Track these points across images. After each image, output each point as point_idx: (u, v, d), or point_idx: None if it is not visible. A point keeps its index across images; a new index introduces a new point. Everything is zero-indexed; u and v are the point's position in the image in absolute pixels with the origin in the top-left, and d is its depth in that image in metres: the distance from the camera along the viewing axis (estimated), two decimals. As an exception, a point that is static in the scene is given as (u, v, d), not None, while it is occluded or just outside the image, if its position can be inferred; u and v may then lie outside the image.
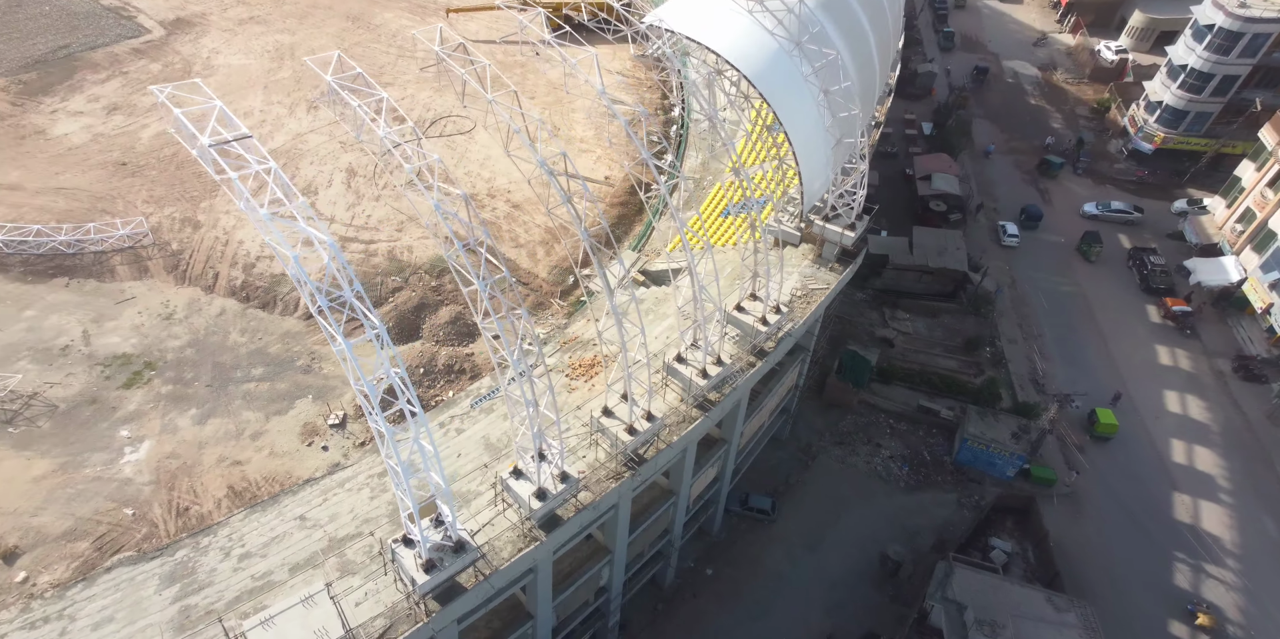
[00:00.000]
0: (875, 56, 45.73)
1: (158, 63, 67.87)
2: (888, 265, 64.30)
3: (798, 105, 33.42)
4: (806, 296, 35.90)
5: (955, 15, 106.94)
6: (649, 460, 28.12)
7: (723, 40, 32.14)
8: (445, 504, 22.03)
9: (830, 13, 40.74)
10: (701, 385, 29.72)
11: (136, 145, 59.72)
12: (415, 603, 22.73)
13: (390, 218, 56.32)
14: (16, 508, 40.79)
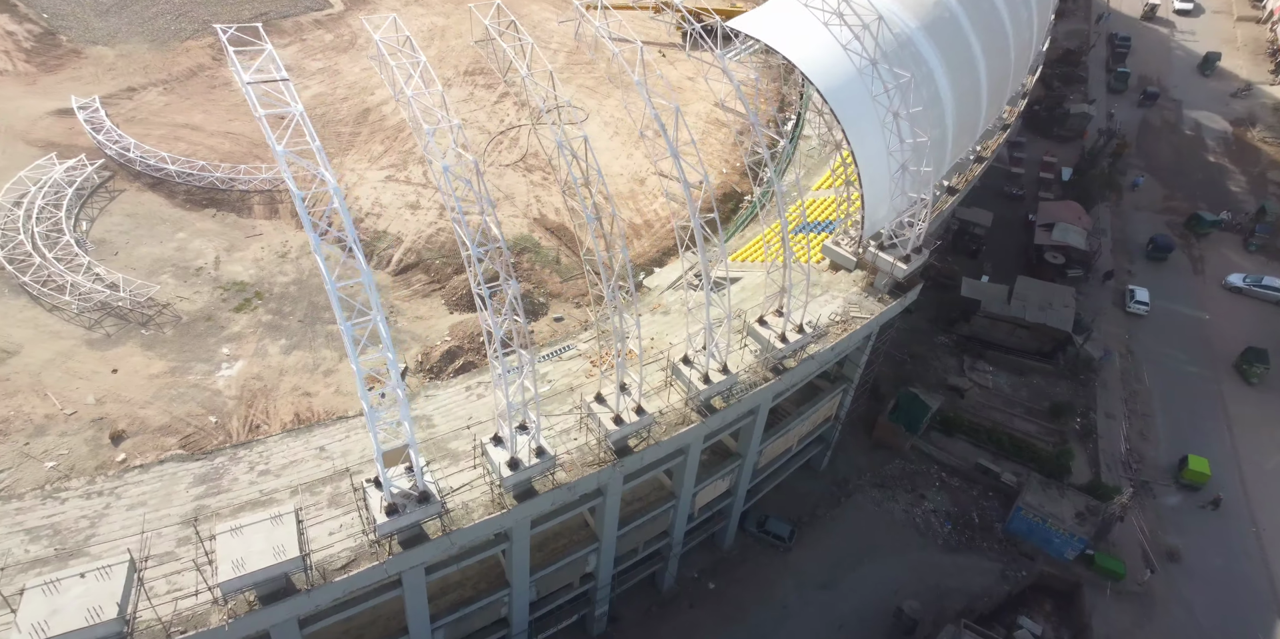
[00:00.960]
0: (984, 88, 43.26)
1: (331, 34, 74.31)
2: (979, 311, 59.84)
3: (868, 126, 32.19)
4: (845, 323, 34.46)
5: (1140, 54, 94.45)
6: (635, 453, 28.05)
7: (801, 50, 31.47)
8: (414, 453, 23.05)
9: (934, 36, 38.91)
10: (702, 390, 29.23)
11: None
12: (376, 542, 23.87)
13: (489, 193, 59.27)
14: (132, 398, 46.17)
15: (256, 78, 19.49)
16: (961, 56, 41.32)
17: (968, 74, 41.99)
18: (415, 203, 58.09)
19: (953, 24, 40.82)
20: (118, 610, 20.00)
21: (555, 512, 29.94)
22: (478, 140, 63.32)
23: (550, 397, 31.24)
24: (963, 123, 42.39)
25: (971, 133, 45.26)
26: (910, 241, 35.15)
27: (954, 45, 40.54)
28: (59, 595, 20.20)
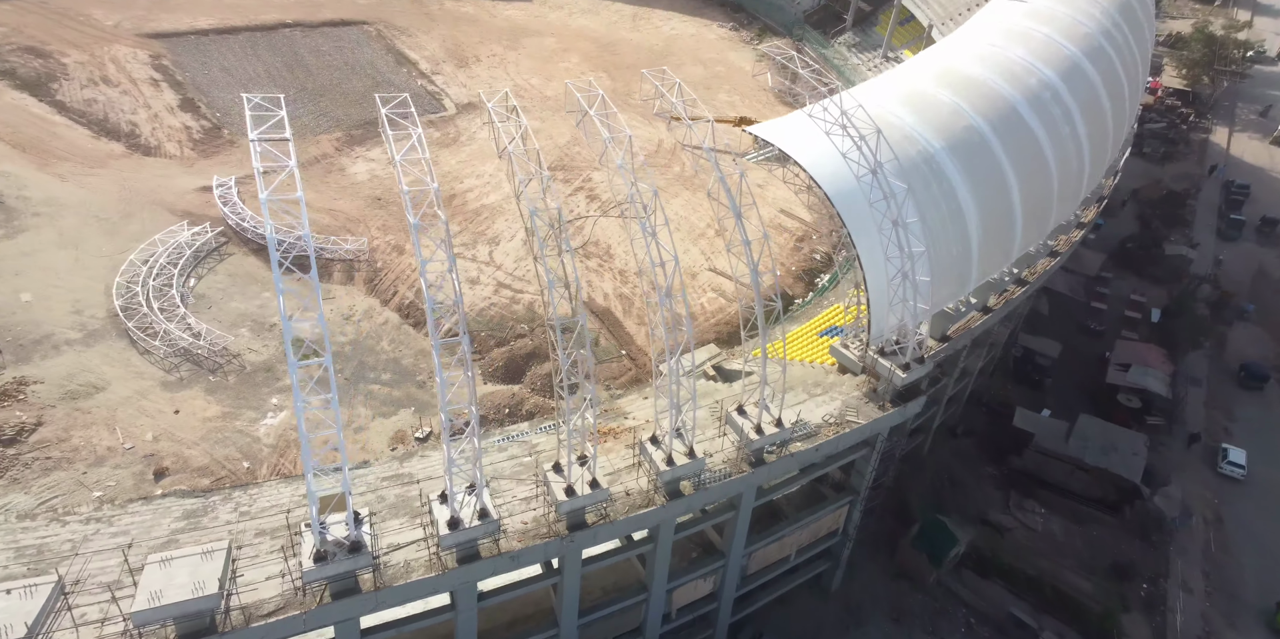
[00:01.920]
0: (1019, 212, 41.95)
1: (439, 132, 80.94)
2: (1031, 445, 54.55)
3: (872, 231, 31.48)
4: (838, 426, 32.37)
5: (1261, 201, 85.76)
6: (589, 529, 26.44)
7: (809, 155, 31.56)
8: (349, 501, 22.52)
9: (959, 156, 38.45)
10: (664, 470, 27.69)
11: (393, 188, 71.12)
12: (300, 590, 23.03)
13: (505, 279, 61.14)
14: (183, 438, 48.05)
15: (259, 134, 21.02)
16: (991, 178, 40.58)
17: (998, 196, 41.01)
18: (475, 278, 60.45)
19: (982, 147, 40.40)
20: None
21: (510, 587, 28.31)
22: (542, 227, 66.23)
23: (527, 468, 30.36)
24: (992, 242, 41.01)
25: (1004, 253, 43.64)
26: (910, 350, 33.31)
27: (982, 166, 39.96)
28: None
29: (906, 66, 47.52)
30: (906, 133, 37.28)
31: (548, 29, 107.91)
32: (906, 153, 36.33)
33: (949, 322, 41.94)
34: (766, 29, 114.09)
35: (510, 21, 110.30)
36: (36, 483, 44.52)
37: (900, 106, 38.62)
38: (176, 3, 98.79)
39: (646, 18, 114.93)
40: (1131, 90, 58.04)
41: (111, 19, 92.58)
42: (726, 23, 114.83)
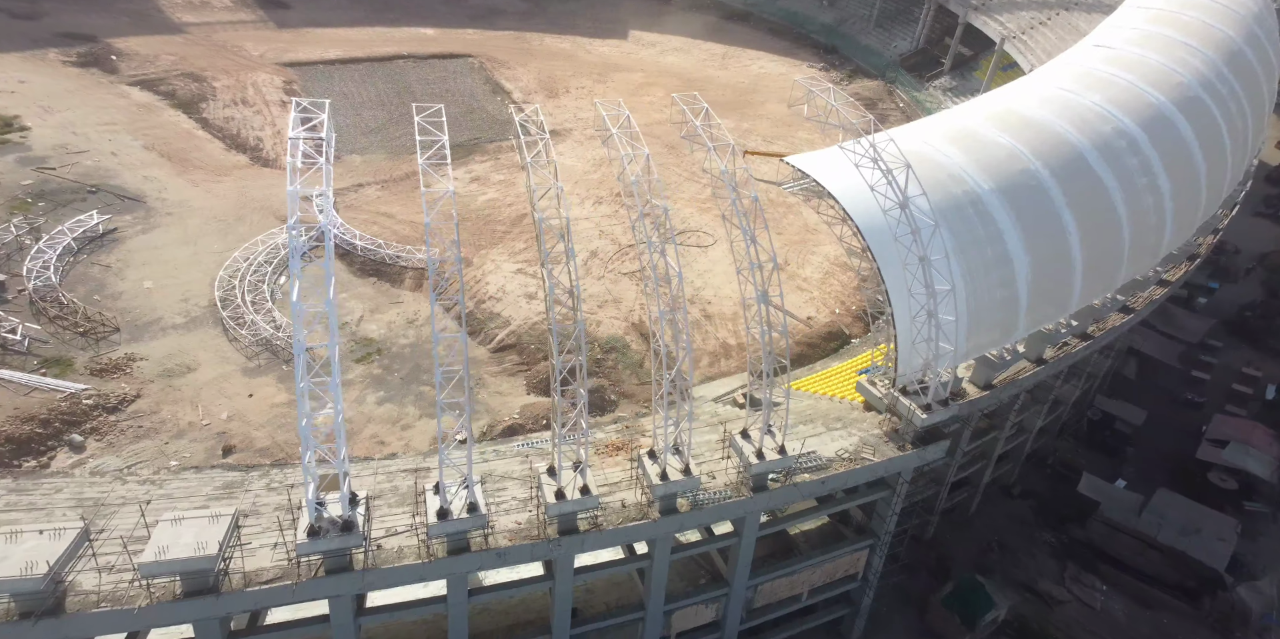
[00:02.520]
0: (1078, 262, 39.95)
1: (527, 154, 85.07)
2: (1096, 515, 50.57)
3: (901, 269, 30.80)
4: (851, 461, 31.36)
5: None
6: (578, 535, 26.60)
7: (841, 184, 31.30)
8: (343, 482, 23.69)
9: (1010, 199, 37.10)
10: (657, 484, 27.55)
11: (472, 204, 74.80)
12: (294, 561, 24.23)
13: (600, 295, 62.70)
14: (252, 420, 51.41)
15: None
16: (1046, 225, 38.90)
17: (1052, 244, 39.23)
18: (534, 294, 62.35)
19: (1038, 193, 38.88)
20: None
21: (503, 586, 28.73)
22: (607, 249, 67.74)
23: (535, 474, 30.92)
24: (1044, 291, 39.14)
25: (1059, 304, 41.50)
26: (933, 391, 32.08)
27: (1036, 212, 38.40)
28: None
29: (963, 107, 46.47)
30: (952, 172, 36.42)
31: (637, 65, 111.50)
32: (950, 192, 35.44)
33: (994, 370, 40.10)
34: (858, 71, 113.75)
35: (602, 58, 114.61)
36: (127, 448, 48.47)
37: (948, 145, 37.82)
38: (313, 37, 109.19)
39: (736, 57, 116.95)
40: (1238, 145, 54.44)
41: (258, 50, 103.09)
42: (817, 63, 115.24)
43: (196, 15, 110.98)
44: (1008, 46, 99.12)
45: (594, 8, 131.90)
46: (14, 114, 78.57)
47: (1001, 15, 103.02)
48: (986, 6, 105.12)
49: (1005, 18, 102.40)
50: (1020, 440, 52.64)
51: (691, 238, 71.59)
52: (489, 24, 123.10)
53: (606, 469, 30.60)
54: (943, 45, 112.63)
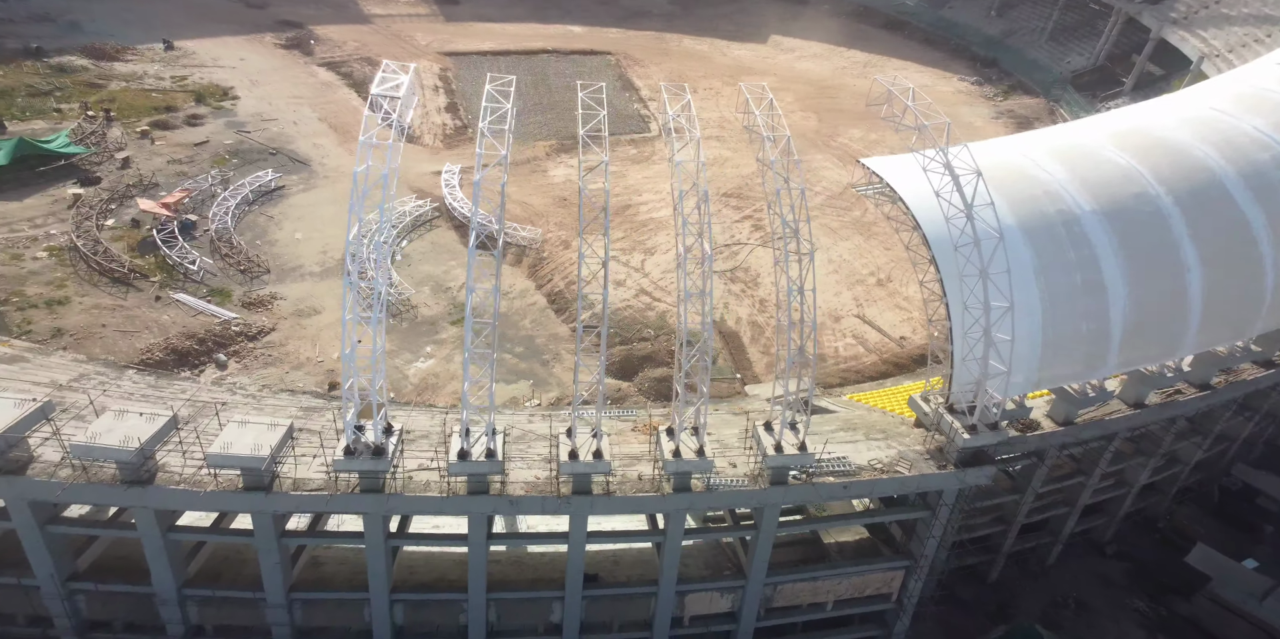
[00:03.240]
0: (1195, 300, 36.76)
1: (636, 150, 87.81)
2: (1204, 591, 45.77)
3: (959, 281, 29.95)
4: (882, 470, 30.85)
5: None
6: (589, 496, 28.23)
7: (912, 189, 30.74)
8: (375, 411, 26.65)
9: (1116, 224, 34.71)
10: (669, 461, 28.52)
11: (573, 192, 78.29)
12: (333, 476, 27.50)
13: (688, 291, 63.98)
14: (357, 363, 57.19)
15: (380, 90, 25.94)
16: (1158, 257, 36.05)
17: (1164, 278, 36.30)
18: (621, 281, 64.54)
19: (1154, 220, 36.03)
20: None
21: (521, 536, 30.92)
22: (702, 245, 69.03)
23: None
24: (1146, 329, 36.34)
25: (1165, 346, 38.26)
26: (980, 412, 30.90)
27: (1148, 241, 35.65)
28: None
29: (1083, 121, 43.51)
30: (1049, 188, 34.59)
31: (771, 70, 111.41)
32: (1041, 208, 33.74)
33: (1075, 406, 37.75)
34: (1018, 87, 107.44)
35: (737, 61, 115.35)
36: (257, 372, 55.38)
37: (1051, 160, 35.84)
38: (474, 30, 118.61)
39: (879, 66, 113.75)
40: None
41: (425, 40, 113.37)
42: (970, 76, 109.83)
43: (383, 8, 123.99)
44: (1207, 66, 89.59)
45: (739, 12, 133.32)
46: (230, 86, 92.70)
47: (1205, 31, 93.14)
48: (1189, 21, 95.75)
49: (1210, 34, 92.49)
50: (1118, 494, 48.81)
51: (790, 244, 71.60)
52: (634, 24, 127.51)
53: (636, 444, 32.04)
54: (1127, 63, 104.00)
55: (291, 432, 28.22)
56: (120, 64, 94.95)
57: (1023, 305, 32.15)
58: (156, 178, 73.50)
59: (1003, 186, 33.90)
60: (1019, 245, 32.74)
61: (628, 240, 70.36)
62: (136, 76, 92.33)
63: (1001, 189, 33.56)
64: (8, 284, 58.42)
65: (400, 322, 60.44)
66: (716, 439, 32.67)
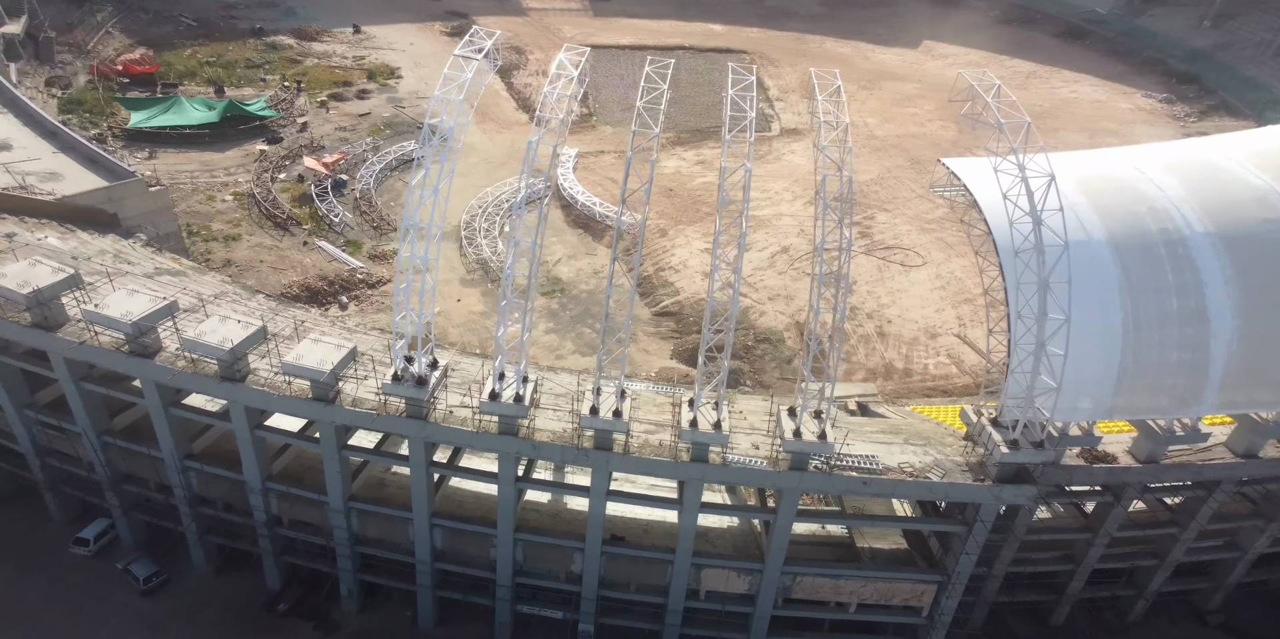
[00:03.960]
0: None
1: (759, 147, 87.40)
2: None
3: (1018, 289, 28.54)
4: (913, 475, 30.01)
5: None
6: (605, 452, 29.84)
7: (988, 190, 29.47)
8: (419, 345, 29.51)
9: (1233, 252, 31.52)
10: (685, 430, 29.39)
11: (689, 183, 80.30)
12: (383, 398, 30.86)
13: (774, 288, 63.77)
14: (452, 319, 62.20)
15: (463, 50, 28.44)
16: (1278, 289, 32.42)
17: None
18: (707, 272, 65.34)
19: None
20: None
21: (546, 483, 33.20)
22: (799, 248, 68.40)
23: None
24: (1256, 367, 32.77)
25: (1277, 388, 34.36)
26: (1021, 426, 29.30)
27: (1272, 273, 32.09)
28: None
29: (1219, 137, 39.08)
30: (1156, 205, 31.83)
31: (915, 76, 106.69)
32: (1142, 226, 31.17)
33: (1159, 444, 34.69)
34: (1219, 107, 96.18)
35: (879, 65, 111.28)
36: (370, 315, 61.62)
37: (1168, 174, 32.88)
38: (618, 25, 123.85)
39: (1045, 78, 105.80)
40: None
41: (571, 33, 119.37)
42: (1158, 93, 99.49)
43: (539, 3, 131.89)
44: None
45: (892, 15, 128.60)
46: (397, 66, 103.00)
47: None
48: None
49: None
50: (1227, 558, 44.16)
51: (897, 255, 69.09)
52: (776, 25, 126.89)
53: (666, 416, 33.25)
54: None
55: (355, 354, 31.87)
56: (317, 44, 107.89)
57: (1100, 325, 30.23)
58: (324, 141, 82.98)
59: (1099, 197, 31.84)
60: (1106, 261, 30.68)
61: (726, 234, 71.07)
62: (326, 55, 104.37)
63: (1097, 200, 31.58)
64: (201, 219, 69.03)
65: (496, 287, 64.74)
66: (750, 424, 33.22)
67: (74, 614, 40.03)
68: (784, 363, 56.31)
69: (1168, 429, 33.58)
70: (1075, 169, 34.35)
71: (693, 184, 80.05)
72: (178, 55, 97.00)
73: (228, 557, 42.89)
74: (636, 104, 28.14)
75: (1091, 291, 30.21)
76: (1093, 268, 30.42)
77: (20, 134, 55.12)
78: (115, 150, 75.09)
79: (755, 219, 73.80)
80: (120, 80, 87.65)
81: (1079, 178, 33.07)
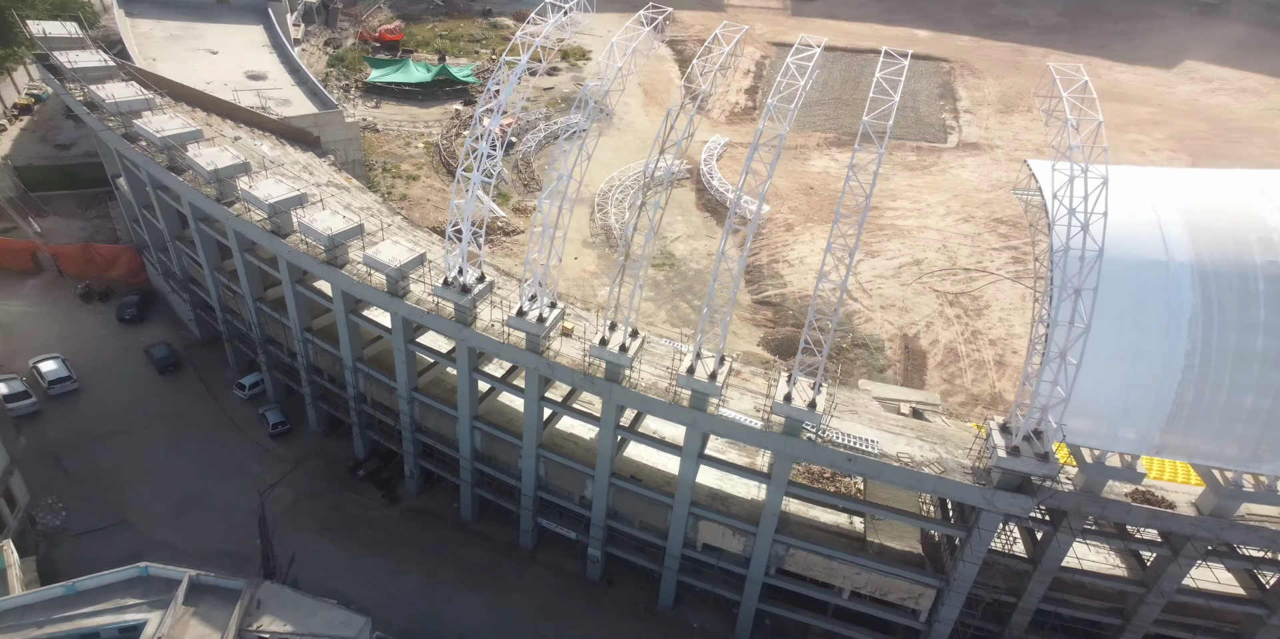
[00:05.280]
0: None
1: (915, 157, 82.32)
2: None
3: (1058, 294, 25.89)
4: (908, 464, 28.52)
5: None
6: (613, 383, 31.40)
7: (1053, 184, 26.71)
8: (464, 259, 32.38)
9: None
10: (681, 377, 29.87)
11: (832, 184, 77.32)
12: (435, 300, 34.45)
13: (889, 297, 60.91)
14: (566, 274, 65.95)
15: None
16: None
17: None
18: (829, 274, 63.36)
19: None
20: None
21: (566, 407, 35.67)
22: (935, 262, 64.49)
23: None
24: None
25: None
26: (1022, 432, 26.72)
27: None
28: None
29: None
30: (1272, 236, 27.13)
31: (1154, 99, 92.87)
32: (1241, 256, 26.83)
33: (1225, 498, 29.96)
34: None
35: (1112, 85, 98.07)
36: (498, 260, 67.15)
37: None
38: (814, 25, 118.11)
39: None
40: None
41: (762, 30, 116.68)
42: None
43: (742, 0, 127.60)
44: None
45: (1151, 30, 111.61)
46: (589, 49, 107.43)
47: None
48: None
49: None
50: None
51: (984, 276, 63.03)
52: (996, 34, 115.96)
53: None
54: None
55: (423, 258, 35.89)
56: (531, 25, 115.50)
57: (1158, 353, 26.94)
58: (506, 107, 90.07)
59: (1201, 218, 28.10)
60: (1183, 286, 27.02)
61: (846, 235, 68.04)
62: (535, 35, 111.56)
63: (1197, 220, 28.01)
64: (395, 160, 79.04)
65: (612, 253, 67.58)
66: (768, 395, 32.99)
67: (219, 433, 49.42)
68: (876, 371, 54.26)
69: (1235, 482, 29.10)
70: (1189, 186, 30.42)
71: (836, 186, 77.73)
72: (421, 28, 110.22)
73: (333, 423, 50.04)
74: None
75: (1156, 316, 26.98)
76: (1165, 290, 27.08)
77: (276, 70, 66.20)
78: (354, 98, 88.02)
79: (896, 228, 70.59)
80: (374, 44, 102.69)
81: (1185, 195, 29.25)
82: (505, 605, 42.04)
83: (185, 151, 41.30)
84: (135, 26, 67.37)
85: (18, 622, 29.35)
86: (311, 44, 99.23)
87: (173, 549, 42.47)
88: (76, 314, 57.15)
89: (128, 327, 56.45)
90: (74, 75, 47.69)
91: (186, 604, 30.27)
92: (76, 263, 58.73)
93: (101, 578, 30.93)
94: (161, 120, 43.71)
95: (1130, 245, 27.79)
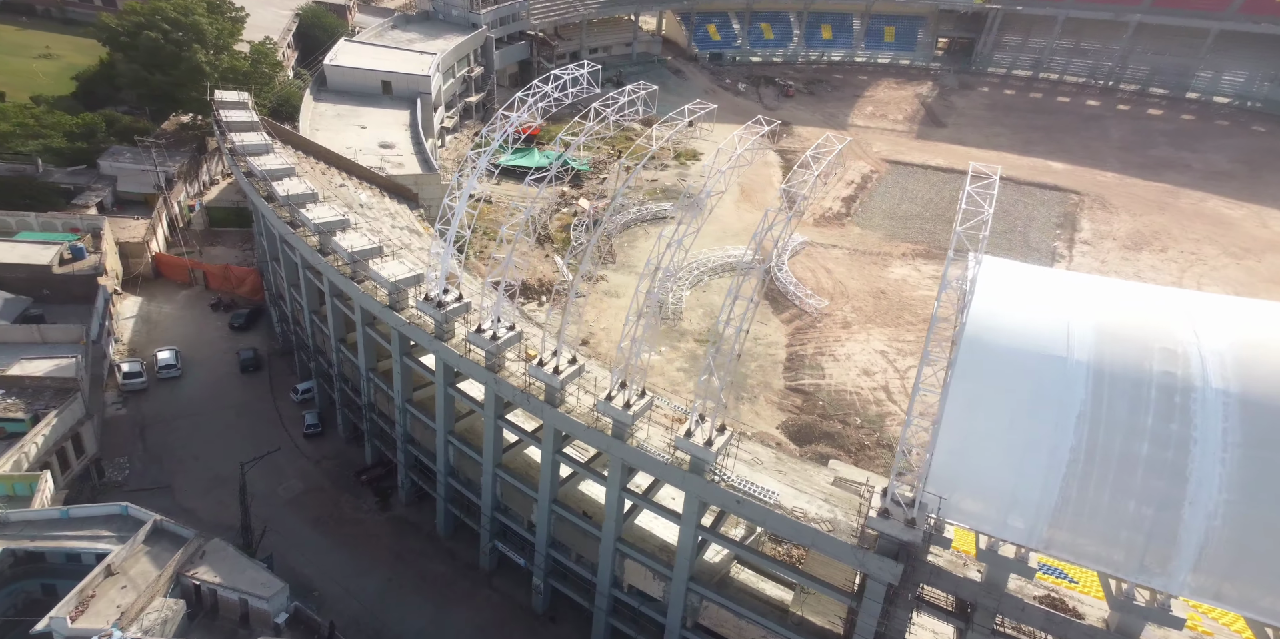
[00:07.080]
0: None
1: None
2: None
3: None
4: (775, 506, 28.33)
5: None
6: (545, 403, 33.88)
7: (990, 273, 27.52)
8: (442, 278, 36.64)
9: (1254, 417, 25.08)
10: (599, 402, 32.20)
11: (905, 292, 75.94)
12: (418, 311, 38.77)
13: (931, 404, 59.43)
14: (609, 336, 68.28)
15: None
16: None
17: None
18: (868, 370, 63.23)
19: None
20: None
21: (517, 428, 38.22)
22: None
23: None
24: (1250, 559, 25.01)
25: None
26: (891, 496, 26.25)
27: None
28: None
29: None
30: (1179, 350, 26.46)
31: None
32: (1140, 362, 26.52)
33: (1128, 614, 27.48)
34: None
35: (1275, 235, 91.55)
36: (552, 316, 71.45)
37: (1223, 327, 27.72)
38: (936, 148, 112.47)
39: None
40: None
41: (878, 148, 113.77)
42: None
43: (868, 122, 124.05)
44: None
45: None
46: (701, 152, 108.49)
47: None
48: None
49: None
50: None
51: None
52: (1147, 174, 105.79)
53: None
54: None
55: (419, 279, 40.88)
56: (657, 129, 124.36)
57: (1045, 445, 26.71)
58: (608, 192, 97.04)
59: (1114, 325, 28.57)
60: (1076, 382, 26.91)
61: (903, 341, 67.46)
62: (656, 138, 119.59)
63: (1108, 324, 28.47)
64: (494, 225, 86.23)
65: (667, 325, 69.91)
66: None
67: (267, 428, 55.92)
68: (873, 423, 53.20)
69: (1127, 594, 27.02)
70: (1124, 297, 30.78)
71: (909, 293, 75.95)
72: (558, 126, 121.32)
73: (355, 431, 54.75)
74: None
75: (1048, 408, 26.95)
76: (1059, 385, 27.14)
77: (404, 142, 78.72)
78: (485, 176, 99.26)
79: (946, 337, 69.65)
80: (516, 137, 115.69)
81: (1115, 303, 29.68)
82: (448, 621, 43.42)
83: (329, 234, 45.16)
84: (316, 107, 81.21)
85: (19, 532, 34.52)
86: (464, 133, 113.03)
87: (194, 516, 47.69)
88: (204, 319, 66.87)
89: (235, 333, 65.25)
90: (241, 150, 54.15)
91: (145, 543, 34.27)
92: (217, 279, 69.15)
93: (89, 509, 36.06)
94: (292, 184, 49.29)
95: (1035, 339, 28.26)
